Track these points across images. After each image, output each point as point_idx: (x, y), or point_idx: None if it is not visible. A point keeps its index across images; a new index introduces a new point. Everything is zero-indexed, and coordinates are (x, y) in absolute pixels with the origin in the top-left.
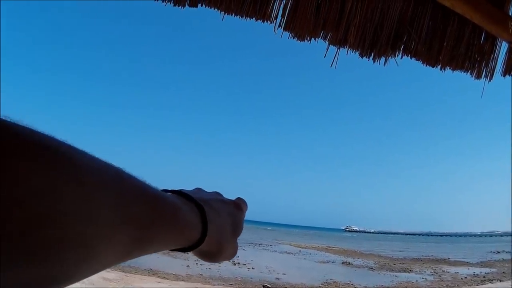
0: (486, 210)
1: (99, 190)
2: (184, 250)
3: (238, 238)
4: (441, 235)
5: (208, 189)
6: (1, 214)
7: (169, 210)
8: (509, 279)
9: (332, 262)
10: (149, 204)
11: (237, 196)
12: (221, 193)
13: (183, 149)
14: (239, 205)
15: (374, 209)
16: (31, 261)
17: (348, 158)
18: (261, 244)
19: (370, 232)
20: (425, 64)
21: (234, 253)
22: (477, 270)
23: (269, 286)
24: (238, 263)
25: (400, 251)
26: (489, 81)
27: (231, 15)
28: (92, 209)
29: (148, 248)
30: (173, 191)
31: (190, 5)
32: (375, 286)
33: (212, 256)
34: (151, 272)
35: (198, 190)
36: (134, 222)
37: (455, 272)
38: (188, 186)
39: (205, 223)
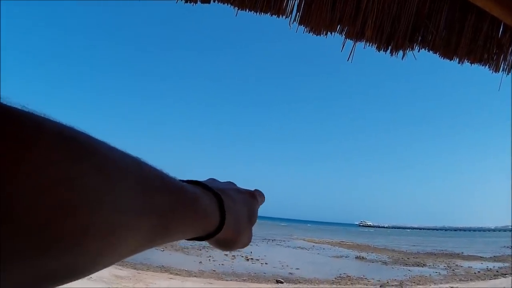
0: (500, 205)
1: (121, 178)
2: (201, 238)
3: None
4: (455, 230)
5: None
6: (26, 203)
7: (190, 199)
8: None
9: (346, 257)
10: (170, 193)
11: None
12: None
13: (198, 139)
14: (253, 195)
15: (388, 204)
16: (57, 249)
17: (362, 153)
18: (274, 239)
19: (384, 227)
20: (443, 57)
21: (248, 241)
22: (490, 265)
23: (282, 281)
24: (252, 258)
25: (414, 245)
26: (508, 74)
27: (245, 10)
28: (116, 197)
29: (170, 236)
30: (189, 181)
31: (202, 2)
32: (389, 280)
33: (228, 244)
34: (163, 269)
35: (212, 180)
36: (157, 211)
37: (469, 267)
38: (202, 177)
39: (223, 212)
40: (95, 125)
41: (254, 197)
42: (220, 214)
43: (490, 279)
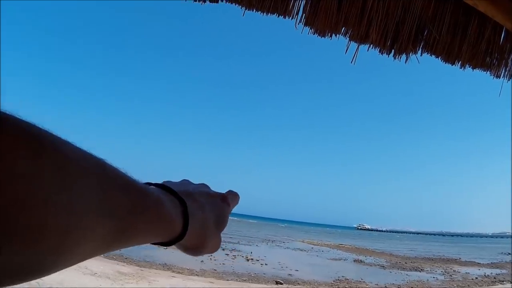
0: (498, 211)
1: (82, 179)
2: (165, 244)
3: (253, 235)
4: (452, 235)
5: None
6: None
7: (151, 204)
8: None
9: (344, 260)
10: (131, 197)
11: (228, 189)
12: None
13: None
14: (225, 198)
15: (386, 207)
16: (9, 248)
17: (362, 157)
18: (274, 240)
19: (382, 231)
20: (445, 62)
21: (217, 247)
22: (488, 271)
23: (282, 282)
24: (252, 258)
25: (411, 250)
26: (508, 80)
27: (252, 11)
28: (75, 198)
29: (128, 241)
30: (156, 184)
31: (211, 1)
32: (386, 284)
33: (194, 250)
34: (166, 267)
35: (184, 182)
36: (116, 214)
37: (466, 272)
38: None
39: (187, 218)
40: (96, 123)
41: (225, 200)
42: (184, 220)
43: (487, 286)
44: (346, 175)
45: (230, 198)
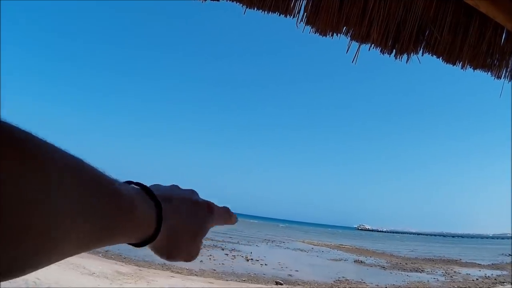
0: (499, 212)
1: (61, 180)
2: (137, 245)
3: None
4: (453, 236)
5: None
6: None
7: (127, 204)
8: None
9: (345, 260)
10: (108, 197)
11: (224, 206)
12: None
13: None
14: (211, 207)
15: (387, 208)
16: None
17: (362, 156)
18: (274, 240)
19: (382, 231)
20: (446, 62)
21: (194, 254)
22: (488, 272)
23: (282, 282)
24: (251, 259)
25: (412, 251)
26: (509, 81)
27: (253, 9)
28: (53, 198)
29: (104, 241)
30: (137, 184)
31: None
32: (387, 285)
33: (168, 254)
34: (165, 267)
35: (173, 187)
36: (93, 215)
37: (467, 274)
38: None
39: (160, 221)
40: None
41: (211, 210)
42: (157, 223)
43: (488, 287)
44: (347, 175)
45: (218, 211)
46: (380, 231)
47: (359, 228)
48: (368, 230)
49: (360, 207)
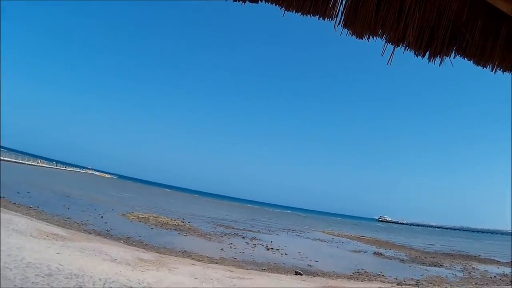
0: None
1: None
2: None
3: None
4: (473, 231)
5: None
6: None
7: None
8: None
9: (364, 252)
10: None
11: None
12: None
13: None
14: None
15: (408, 200)
16: None
17: (385, 149)
18: (294, 230)
19: (402, 223)
20: (476, 65)
21: None
22: (507, 270)
23: (301, 272)
24: (272, 248)
25: (432, 244)
26: None
27: (292, 11)
28: None
29: None
30: None
31: (251, 1)
32: (405, 279)
33: None
34: (186, 254)
35: None
36: None
37: (485, 270)
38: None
39: None
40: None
41: None
42: None
43: (506, 285)
44: (369, 167)
45: None
46: (400, 223)
47: (380, 219)
48: (389, 222)
49: (381, 199)
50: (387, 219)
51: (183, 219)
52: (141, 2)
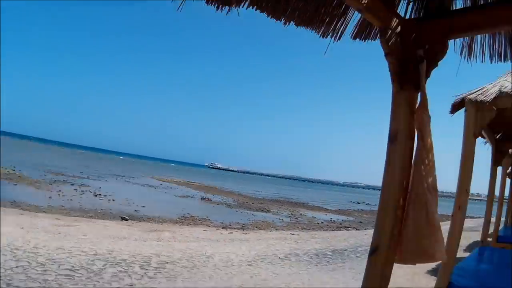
0: (351, 161)
1: None
2: None
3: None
4: (304, 180)
5: None
6: None
7: None
8: (365, 229)
9: (192, 197)
10: None
11: None
12: None
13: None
14: None
15: (239, 148)
16: None
17: (221, 99)
18: (124, 176)
19: (233, 171)
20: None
21: None
22: (334, 217)
23: (127, 218)
24: (100, 194)
25: (260, 191)
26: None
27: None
28: None
29: None
30: None
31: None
32: (231, 222)
33: None
34: (14, 204)
35: None
36: None
37: (312, 217)
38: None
39: None
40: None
41: None
42: None
43: (332, 230)
44: (202, 113)
45: None
46: (231, 171)
47: (210, 166)
48: (219, 168)
49: (213, 146)
50: (218, 166)
51: (14, 167)
52: None
